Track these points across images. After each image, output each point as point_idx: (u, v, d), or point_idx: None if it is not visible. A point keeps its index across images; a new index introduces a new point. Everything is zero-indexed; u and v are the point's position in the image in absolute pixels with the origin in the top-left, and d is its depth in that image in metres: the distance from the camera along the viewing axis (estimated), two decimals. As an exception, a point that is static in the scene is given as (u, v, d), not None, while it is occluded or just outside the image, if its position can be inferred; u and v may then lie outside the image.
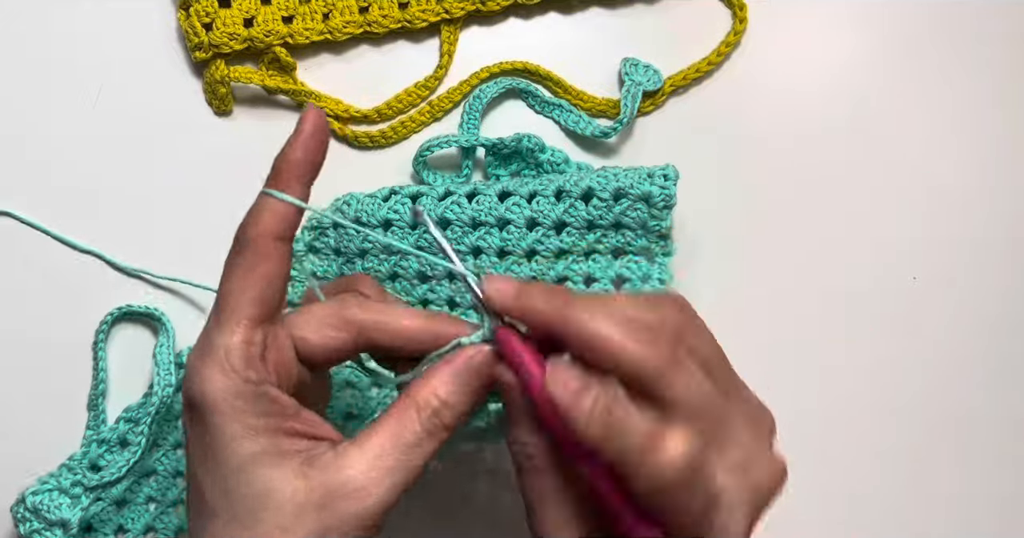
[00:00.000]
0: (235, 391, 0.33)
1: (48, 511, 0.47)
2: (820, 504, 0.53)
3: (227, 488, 0.33)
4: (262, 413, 0.34)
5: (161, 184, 0.54)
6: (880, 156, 0.57)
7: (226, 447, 0.33)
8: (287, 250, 0.36)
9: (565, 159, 0.53)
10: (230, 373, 0.33)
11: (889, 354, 0.56)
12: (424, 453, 0.34)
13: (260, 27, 0.53)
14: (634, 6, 0.57)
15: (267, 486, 0.33)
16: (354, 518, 0.32)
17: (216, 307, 0.35)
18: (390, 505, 0.33)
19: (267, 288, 0.35)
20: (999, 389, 0.56)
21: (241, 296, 0.35)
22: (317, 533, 0.32)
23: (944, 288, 0.56)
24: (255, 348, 0.34)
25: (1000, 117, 0.58)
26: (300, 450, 0.34)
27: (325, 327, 0.37)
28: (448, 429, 0.35)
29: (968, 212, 0.57)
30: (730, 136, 0.56)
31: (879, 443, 0.55)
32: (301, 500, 0.32)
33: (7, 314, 0.52)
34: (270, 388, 0.34)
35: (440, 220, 0.49)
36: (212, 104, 0.55)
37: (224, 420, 0.33)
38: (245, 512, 0.33)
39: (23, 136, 0.54)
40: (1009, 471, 0.55)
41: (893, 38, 0.58)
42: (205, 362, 0.34)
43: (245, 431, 0.33)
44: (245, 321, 0.34)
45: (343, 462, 0.33)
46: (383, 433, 0.34)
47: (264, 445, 0.33)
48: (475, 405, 0.36)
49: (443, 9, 0.55)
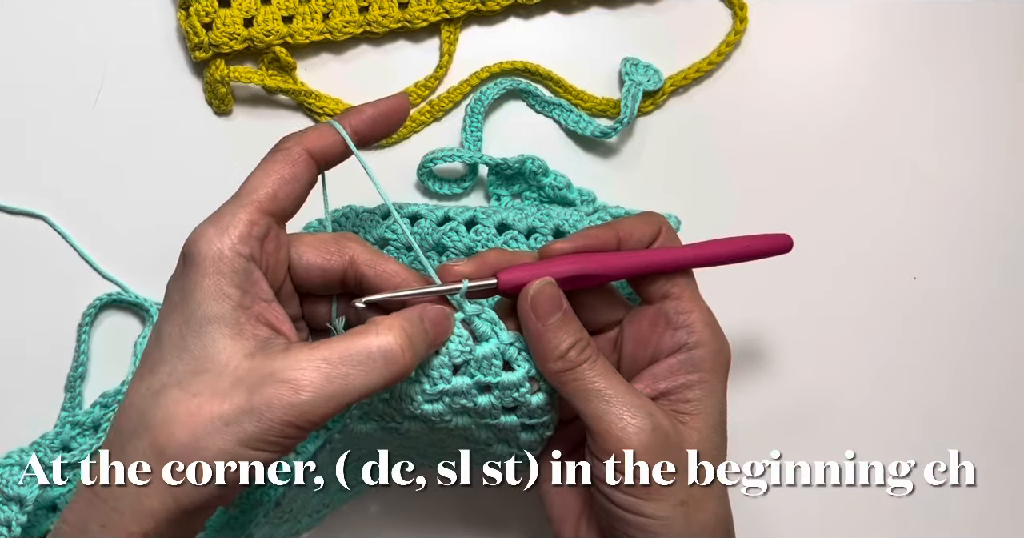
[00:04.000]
0: (223, 256, 0.36)
1: (6, 486, 0.47)
2: (820, 504, 0.54)
3: (184, 342, 0.35)
4: (240, 285, 0.36)
5: (161, 184, 0.54)
6: (880, 155, 0.57)
7: (197, 302, 0.35)
8: (314, 167, 0.39)
9: (567, 184, 0.53)
10: (226, 238, 0.36)
11: (889, 354, 0.56)
12: (364, 377, 0.35)
13: (260, 27, 0.53)
14: (634, 6, 0.57)
15: (216, 352, 0.35)
16: (282, 408, 0.33)
17: (236, 192, 0.38)
18: (320, 413, 0.34)
19: (285, 186, 0.38)
20: (999, 389, 0.56)
21: (259, 185, 0.38)
22: (244, 409, 0.33)
23: (944, 288, 0.56)
24: (257, 229, 0.37)
25: (1001, 117, 0.58)
26: (258, 335, 0.36)
27: (325, 247, 0.40)
28: (395, 365, 0.35)
29: (968, 212, 0.57)
30: (730, 136, 0.56)
31: (879, 443, 0.55)
32: (241, 375, 0.34)
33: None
34: (255, 268, 0.37)
35: (436, 245, 0.49)
36: (212, 104, 0.55)
37: (205, 277, 0.35)
38: (187, 370, 0.34)
39: (23, 135, 0.54)
40: (1009, 471, 0.56)
41: (893, 37, 0.58)
42: (208, 224, 0.37)
43: (218, 293, 0.35)
44: (256, 204, 0.37)
45: (290, 355, 0.35)
46: (336, 345, 0.35)
47: (229, 314, 0.35)
48: (425, 351, 0.37)
49: (443, 9, 0.55)
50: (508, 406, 0.40)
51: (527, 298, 0.39)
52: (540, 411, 0.41)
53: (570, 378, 0.39)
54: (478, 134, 0.54)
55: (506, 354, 0.39)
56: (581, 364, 0.39)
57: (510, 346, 0.39)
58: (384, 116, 0.41)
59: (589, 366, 0.39)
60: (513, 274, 0.40)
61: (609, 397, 0.39)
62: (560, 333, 0.39)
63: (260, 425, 0.33)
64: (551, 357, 0.39)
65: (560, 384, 0.39)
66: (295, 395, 0.34)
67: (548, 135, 0.55)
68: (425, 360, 0.38)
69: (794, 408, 0.54)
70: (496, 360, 0.39)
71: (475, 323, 0.39)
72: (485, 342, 0.39)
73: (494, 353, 0.39)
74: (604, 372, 0.39)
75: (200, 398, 0.34)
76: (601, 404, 0.38)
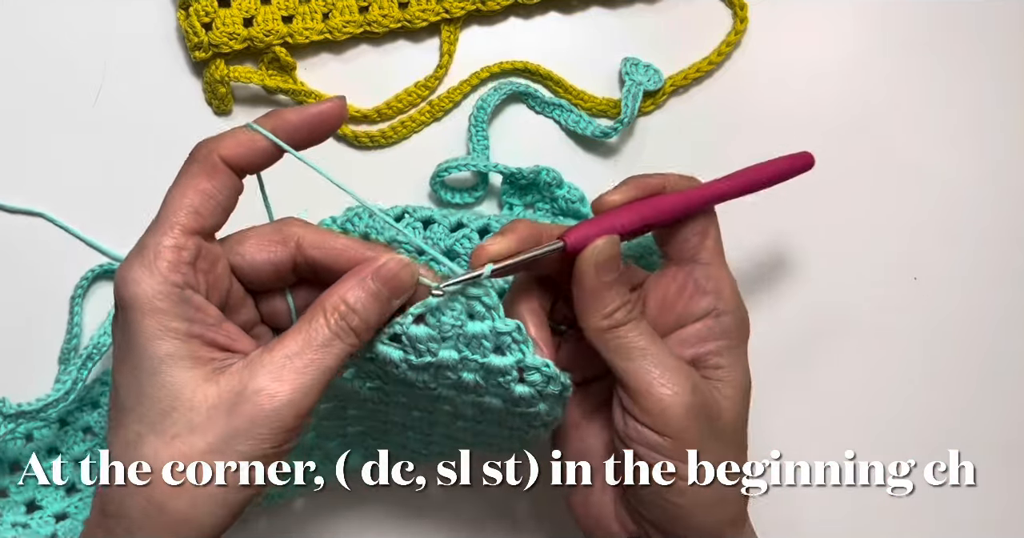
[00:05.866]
0: (157, 291, 0.34)
1: None
2: (820, 504, 0.54)
3: (141, 388, 0.34)
4: (182, 316, 0.34)
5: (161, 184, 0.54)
6: (881, 155, 0.57)
7: (143, 346, 0.34)
8: (233, 176, 0.37)
9: (581, 197, 0.52)
10: (155, 273, 0.34)
11: (889, 354, 0.56)
12: (334, 354, 0.35)
13: (260, 27, 0.53)
14: (634, 6, 0.57)
15: (178, 389, 0.33)
16: (264, 420, 0.33)
17: (157, 214, 0.36)
18: (302, 408, 0.34)
19: (206, 203, 0.36)
20: (999, 389, 0.56)
21: (179, 204, 0.36)
22: (227, 436, 0.33)
23: (944, 288, 0.56)
24: (186, 253, 0.35)
25: (1001, 117, 0.58)
26: (214, 358, 0.35)
27: (266, 242, 0.38)
28: (356, 334, 0.36)
29: (969, 212, 0.57)
30: (730, 136, 0.56)
31: (879, 443, 0.55)
32: (212, 403, 0.33)
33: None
34: (194, 294, 0.35)
35: (447, 251, 0.49)
36: (212, 104, 0.55)
37: (143, 318, 0.34)
38: (156, 413, 0.33)
39: (23, 135, 0.54)
40: (1009, 471, 0.56)
41: (893, 38, 0.58)
42: (133, 262, 0.35)
43: (163, 331, 0.34)
44: (178, 227, 0.35)
45: (252, 366, 0.34)
46: (292, 337, 0.35)
47: (179, 348, 0.34)
48: (382, 313, 0.37)
49: (443, 9, 0.55)
50: (492, 390, 0.40)
51: (592, 256, 0.38)
52: (524, 402, 0.40)
53: (613, 336, 0.39)
54: (485, 142, 0.54)
55: (499, 340, 0.39)
56: (627, 323, 0.39)
57: (506, 335, 0.39)
58: (308, 124, 0.38)
59: (634, 325, 0.39)
60: (580, 233, 0.39)
61: (651, 356, 0.39)
62: (612, 292, 0.39)
63: (252, 442, 0.33)
64: (600, 314, 0.39)
65: (602, 342, 0.39)
66: (273, 401, 0.33)
67: (548, 135, 0.55)
68: (415, 333, 0.38)
69: (794, 408, 0.54)
70: (486, 341, 0.38)
71: (472, 304, 0.38)
72: (479, 321, 0.38)
73: (485, 334, 0.38)
74: (647, 332, 0.39)
75: (179, 439, 0.33)
76: (644, 363, 0.38)
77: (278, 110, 0.38)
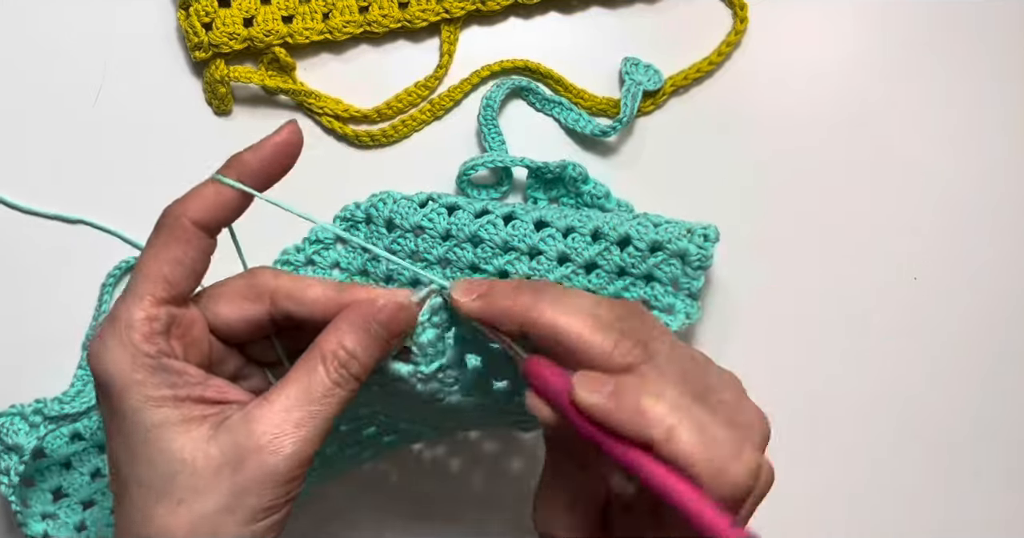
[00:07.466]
0: (133, 364, 0.34)
1: (6, 434, 0.47)
2: (819, 504, 0.53)
3: (138, 460, 0.33)
4: (163, 384, 0.34)
5: (161, 184, 0.54)
6: (881, 156, 0.57)
7: (130, 419, 0.33)
8: (204, 238, 0.36)
9: (606, 193, 0.52)
10: (128, 346, 0.34)
11: (889, 354, 0.56)
12: (334, 403, 0.34)
13: (260, 27, 0.53)
14: (634, 6, 0.57)
15: (177, 454, 0.33)
16: (269, 475, 0.32)
17: (128, 282, 0.36)
18: (304, 459, 0.33)
19: (176, 270, 0.35)
20: (1000, 389, 0.56)
21: (149, 274, 0.35)
22: (232, 494, 0.32)
23: (944, 288, 0.56)
24: (158, 324, 0.34)
25: (1001, 117, 0.58)
26: (208, 414, 0.34)
27: (239, 298, 0.37)
28: (357, 379, 0.35)
29: (969, 212, 0.57)
30: (731, 136, 0.56)
31: (879, 443, 0.55)
32: (214, 463, 0.33)
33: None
34: (172, 361, 0.34)
35: (472, 237, 0.49)
36: (212, 104, 0.55)
37: (124, 392, 0.33)
38: (159, 480, 0.33)
39: (23, 135, 0.54)
40: (1009, 471, 0.55)
41: (893, 37, 0.58)
42: (104, 336, 0.34)
43: (146, 402, 0.33)
44: (149, 298, 0.35)
45: (252, 420, 0.33)
46: (291, 387, 0.34)
47: (168, 414, 0.33)
48: (383, 354, 0.36)
49: (443, 9, 0.55)
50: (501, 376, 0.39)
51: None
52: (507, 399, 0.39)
53: None
54: (500, 138, 0.54)
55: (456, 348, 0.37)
56: None
57: (464, 344, 0.38)
58: (269, 160, 0.36)
59: None
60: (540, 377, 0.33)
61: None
62: None
63: (260, 496, 0.32)
64: None
65: None
66: (277, 455, 0.33)
67: (547, 133, 0.55)
68: (424, 339, 0.36)
69: (793, 408, 0.54)
70: (433, 348, 0.37)
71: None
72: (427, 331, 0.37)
73: (432, 342, 0.37)
74: None
75: (185, 503, 0.32)
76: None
77: (236, 155, 0.37)
